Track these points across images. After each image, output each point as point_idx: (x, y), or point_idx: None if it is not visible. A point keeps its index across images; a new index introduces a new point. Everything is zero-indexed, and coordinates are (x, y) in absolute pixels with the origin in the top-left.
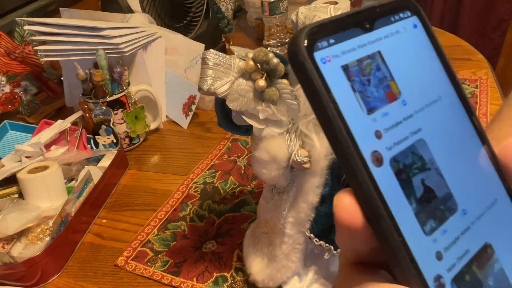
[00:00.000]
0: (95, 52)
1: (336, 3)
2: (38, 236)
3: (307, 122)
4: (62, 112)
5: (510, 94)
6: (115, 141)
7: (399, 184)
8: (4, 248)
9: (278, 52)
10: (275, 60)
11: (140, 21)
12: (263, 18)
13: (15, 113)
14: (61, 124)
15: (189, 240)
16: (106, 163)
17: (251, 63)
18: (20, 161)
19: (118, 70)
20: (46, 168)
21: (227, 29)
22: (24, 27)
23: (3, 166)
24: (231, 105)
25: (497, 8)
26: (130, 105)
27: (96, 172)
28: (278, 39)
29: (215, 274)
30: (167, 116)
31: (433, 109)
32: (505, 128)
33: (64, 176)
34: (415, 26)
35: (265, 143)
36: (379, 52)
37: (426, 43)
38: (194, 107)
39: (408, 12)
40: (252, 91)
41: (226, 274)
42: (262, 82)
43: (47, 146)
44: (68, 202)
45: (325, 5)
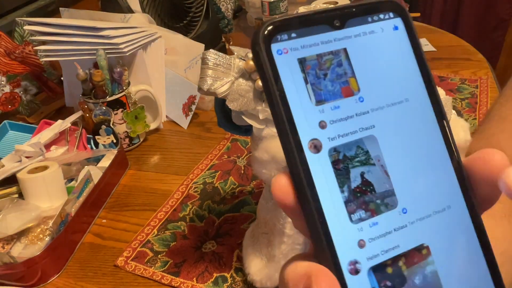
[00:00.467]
0: (95, 52)
1: (336, 3)
2: (38, 236)
3: None
4: (62, 112)
5: (502, 91)
6: (115, 141)
7: (334, 173)
8: (4, 248)
9: None
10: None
11: (140, 21)
12: (263, 18)
13: (15, 113)
14: (61, 124)
15: (189, 240)
16: (106, 163)
17: (251, 63)
18: (20, 161)
19: (118, 70)
20: (46, 168)
21: (227, 29)
22: (24, 27)
23: (3, 166)
24: (231, 105)
25: (497, 8)
26: (130, 105)
27: (96, 172)
28: None
29: (215, 274)
30: (167, 116)
31: (394, 109)
32: (494, 126)
33: (64, 176)
34: (396, 28)
35: (265, 143)
36: (345, 50)
37: (404, 46)
38: (194, 107)
39: (391, 14)
40: (252, 91)
41: (226, 274)
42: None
43: (47, 146)
44: (68, 202)
45: (324, 5)
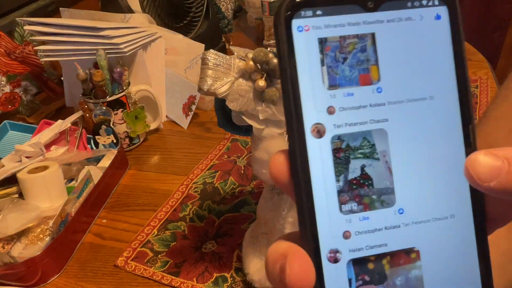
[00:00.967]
0: (95, 52)
1: None
2: (38, 236)
3: None
4: (62, 112)
5: (498, 91)
6: (115, 141)
7: (333, 160)
8: (4, 248)
9: None
10: (275, 60)
11: (140, 21)
12: (263, 18)
13: (15, 113)
14: (61, 124)
15: (189, 241)
16: (106, 163)
17: (251, 63)
18: (20, 161)
19: (118, 70)
20: (46, 168)
21: (227, 29)
22: (24, 27)
23: (3, 166)
24: (231, 105)
25: (497, 8)
26: (130, 105)
27: (96, 172)
28: None
29: (215, 274)
30: (167, 116)
31: (415, 105)
32: (491, 126)
33: (64, 176)
34: (438, 17)
35: (265, 143)
36: (373, 35)
37: (443, 38)
38: (194, 107)
39: (436, 1)
40: (252, 91)
41: (226, 274)
42: (262, 83)
43: (47, 146)
44: (68, 202)
45: None
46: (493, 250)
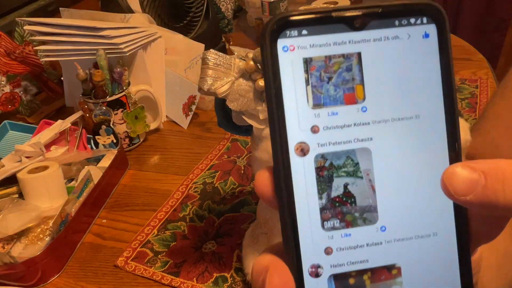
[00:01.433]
0: (95, 52)
1: (336, 3)
2: (38, 236)
3: None
4: (62, 112)
5: (496, 91)
6: (115, 141)
7: (316, 179)
8: (4, 248)
9: None
10: None
11: (140, 21)
12: (263, 18)
13: (15, 113)
14: (61, 124)
15: (189, 241)
16: (106, 163)
17: (251, 63)
18: (20, 161)
19: (118, 70)
20: (46, 168)
21: (227, 29)
22: (24, 27)
23: (3, 166)
24: (231, 105)
25: (497, 8)
26: (130, 105)
27: (96, 172)
28: None
29: (215, 275)
30: (167, 116)
31: (400, 124)
32: (489, 124)
33: (64, 176)
34: (427, 35)
35: (265, 143)
36: (359, 54)
37: (431, 57)
38: (194, 107)
39: (425, 19)
40: (252, 91)
41: (226, 274)
42: (262, 82)
43: (47, 146)
44: (68, 202)
45: (324, 5)
46: (492, 251)
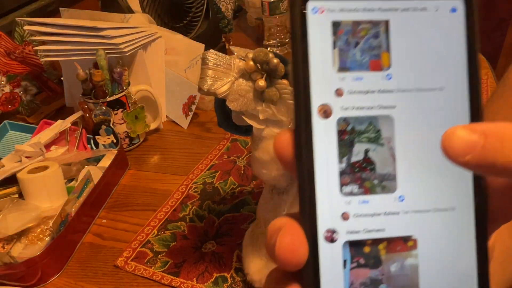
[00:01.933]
0: (95, 52)
1: None
2: (38, 236)
3: None
4: (62, 112)
5: (495, 90)
6: (115, 141)
7: (337, 142)
8: (4, 248)
9: (278, 52)
10: (275, 60)
11: (140, 21)
12: (263, 18)
13: (15, 113)
14: (61, 124)
15: (189, 241)
16: (106, 163)
17: (251, 63)
18: (20, 161)
19: (118, 70)
20: (46, 168)
21: (227, 29)
22: (24, 27)
23: (3, 166)
24: (231, 105)
25: (497, 8)
26: (130, 105)
27: (96, 172)
28: (278, 39)
29: (215, 275)
30: (167, 116)
31: (423, 95)
32: (496, 104)
33: (64, 176)
34: (454, 10)
35: (265, 143)
36: (387, 22)
37: (457, 32)
38: (194, 107)
39: None
40: (252, 91)
41: (226, 274)
42: (262, 83)
43: (47, 146)
44: (68, 202)
45: None
46: (497, 245)
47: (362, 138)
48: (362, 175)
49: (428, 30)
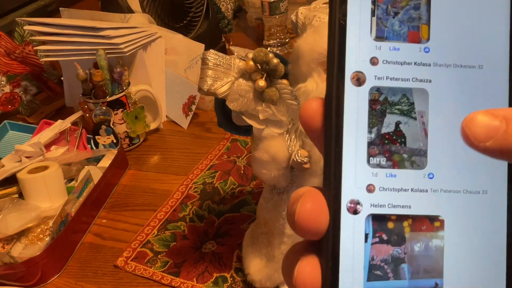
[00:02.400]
0: (95, 52)
1: None
2: (38, 236)
3: None
4: (62, 112)
5: None
6: (115, 141)
7: (368, 111)
8: (4, 248)
9: (278, 52)
10: (275, 60)
11: (140, 21)
12: (263, 18)
13: (15, 113)
14: (61, 124)
15: (188, 241)
16: (106, 163)
17: (251, 63)
18: (20, 161)
19: (118, 70)
20: (46, 168)
21: (227, 29)
22: (24, 27)
23: (3, 166)
24: (231, 105)
25: None
26: (130, 105)
27: (96, 172)
28: (278, 39)
29: (215, 275)
30: (167, 116)
31: (461, 71)
32: None
33: (64, 176)
34: None
35: (265, 144)
36: None
37: (502, 9)
38: (194, 107)
39: None
40: (252, 91)
41: (226, 274)
42: (262, 83)
43: (47, 146)
44: (68, 202)
45: (325, 5)
46: None
47: (394, 109)
48: (391, 148)
49: (471, 6)
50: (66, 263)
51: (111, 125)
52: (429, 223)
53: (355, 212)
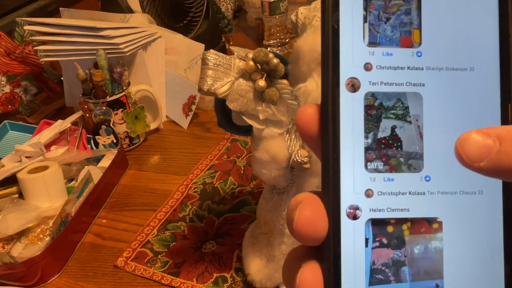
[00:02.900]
0: (95, 52)
1: None
2: (38, 236)
3: None
4: (62, 112)
5: None
6: (115, 141)
7: (364, 117)
8: (4, 248)
9: (278, 52)
10: (275, 60)
11: (140, 21)
12: (263, 18)
13: (15, 113)
14: (61, 124)
15: (188, 241)
16: (106, 163)
17: (251, 63)
18: (20, 161)
19: (118, 70)
20: (46, 168)
21: (227, 29)
22: (24, 27)
23: (3, 166)
24: (231, 105)
25: None
26: (130, 105)
27: (96, 172)
28: (278, 39)
29: (215, 275)
30: (167, 116)
31: (453, 75)
32: None
33: (64, 176)
34: None
35: (265, 144)
36: None
37: (491, 12)
38: (194, 107)
39: None
40: (252, 91)
41: (226, 274)
42: (262, 83)
43: (47, 146)
44: (68, 202)
45: None
46: None
47: (389, 114)
48: (388, 152)
49: (461, 9)
50: (66, 263)
51: (111, 125)
52: (427, 225)
53: (354, 217)
